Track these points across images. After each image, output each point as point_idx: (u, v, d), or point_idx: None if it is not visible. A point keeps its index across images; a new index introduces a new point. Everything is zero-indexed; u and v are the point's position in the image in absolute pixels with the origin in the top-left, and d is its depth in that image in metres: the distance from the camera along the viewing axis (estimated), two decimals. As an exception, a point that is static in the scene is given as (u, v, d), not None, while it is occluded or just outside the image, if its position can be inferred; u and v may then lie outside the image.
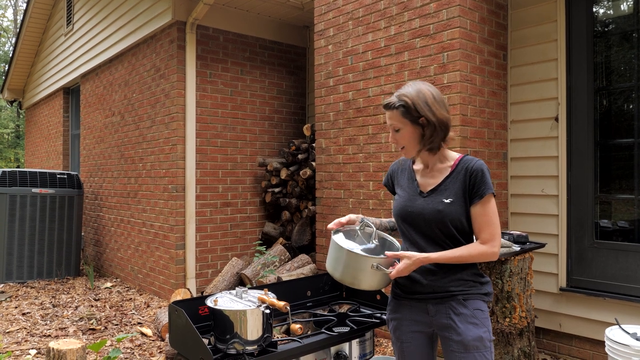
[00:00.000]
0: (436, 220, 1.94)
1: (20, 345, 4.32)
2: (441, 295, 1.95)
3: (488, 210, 1.91)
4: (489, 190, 1.91)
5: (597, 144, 3.74)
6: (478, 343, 1.90)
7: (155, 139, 6.02)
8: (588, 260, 3.73)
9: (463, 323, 1.91)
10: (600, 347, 3.63)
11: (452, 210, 1.92)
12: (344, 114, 4.72)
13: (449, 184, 1.96)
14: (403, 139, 1.97)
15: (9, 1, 28.40)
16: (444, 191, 1.96)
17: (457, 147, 3.76)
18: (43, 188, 6.88)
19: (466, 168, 1.94)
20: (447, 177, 1.98)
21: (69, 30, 8.69)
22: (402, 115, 1.94)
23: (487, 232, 1.91)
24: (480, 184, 1.91)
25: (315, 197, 5.15)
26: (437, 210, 1.93)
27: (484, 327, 1.93)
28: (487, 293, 1.99)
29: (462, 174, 1.95)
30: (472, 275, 1.97)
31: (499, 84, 4.10)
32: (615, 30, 3.73)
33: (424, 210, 1.96)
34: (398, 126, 1.96)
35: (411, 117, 1.93)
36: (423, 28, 4.01)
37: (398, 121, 1.95)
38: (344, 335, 2.18)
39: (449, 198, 1.94)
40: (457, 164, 1.98)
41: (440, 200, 1.94)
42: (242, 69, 6.06)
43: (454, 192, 1.94)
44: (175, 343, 2.06)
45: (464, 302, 1.93)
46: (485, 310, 1.97)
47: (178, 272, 5.59)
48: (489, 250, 1.90)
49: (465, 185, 1.93)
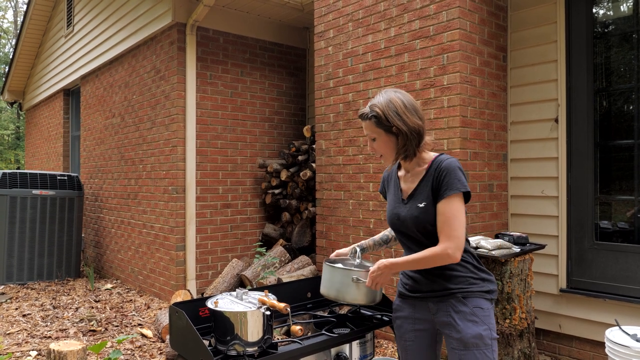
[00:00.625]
0: (417, 226, 1.96)
1: (21, 346, 4.32)
2: (441, 293, 1.97)
3: (447, 210, 1.88)
4: (451, 192, 1.87)
5: (597, 145, 3.75)
6: (477, 341, 1.90)
7: (155, 140, 6.03)
8: (588, 262, 3.74)
9: (462, 321, 1.92)
10: (600, 348, 3.63)
11: (426, 215, 1.93)
12: (344, 115, 4.73)
13: (423, 188, 1.97)
14: (380, 147, 2.00)
15: (9, 3, 28.42)
16: (418, 196, 1.98)
17: (457, 149, 3.77)
18: (43, 189, 6.88)
19: (435, 169, 1.94)
20: (421, 180, 1.99)
21: (69, 32, 8.70)
22: (375, 125, 1.96)
23: (444, 233, 1.88)
24: (444, 183, 1.90)
25: (315, 198, 5.15)
26: (414, 217, 1.96)
27: (485, 325, 1.92)
28: (489, 290, 1.98)
29: (432, 176, 1.95)
30: (472, 272, 1.97)
31: (499, 85, 4.10)
32: (615, 31, 3.73)
33: (406, 217, 2.00)
34: (373, 135, 1.99)
35: (384, 126, 1.95)
36: (423, 29, 4.02)
37: (372, 131, 1.98)
38: (344, 336, 2.18)
39: (422, 202, 1.95)
40: (430, 165, 1.98)
41: (416, 206, 1.97)
42: (242, 71, 6.06)
43: (425, 195, 1.95)
44: (175, 344, 2.06)
45: (463, 300, 1.94)
46: (487, 308, 1.95)
47: (178, 273, 5.59)
48: (442, 252, 1.86)
49: (434, 186, 1.93)
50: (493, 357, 1.93)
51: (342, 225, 4.70)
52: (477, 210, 3.91)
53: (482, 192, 3.96)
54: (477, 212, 3.90)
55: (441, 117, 3.88)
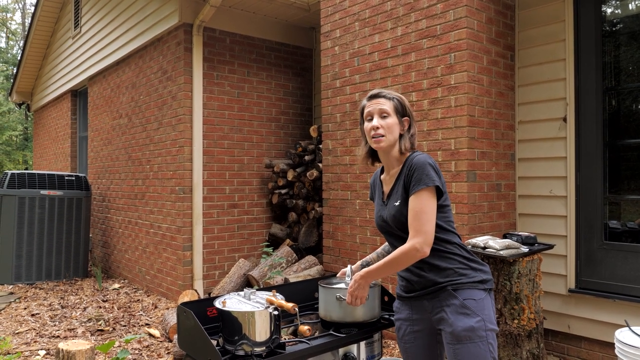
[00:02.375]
0: (396, 225, 1.98)
1: (30, 345, 4.35)
2: (432, 289, 1.96)
3: (415, 205, 1.88)
4: (419, 187, 1.88)
5: (606, 144, 3.72)
6: (470, 333, 1.85)
7: (162, 140, 6.05)
8: (597, 262, 3.71)
9: (453, 314, 1.89)
10: (609, 349, 3.61)
11: (402, 213, 1.94)
12: (350, 115, 4.72)
13: (398, 187, 2.00)
14: (389, 126, 2.01)
15: (17, 4, 28.63)
16: (394, 195, 2.01)
17: (464, 148, 3.75)
18: (51, 190, 6.92)
19: (407, 167, 1.97)
20: (396, 179, 2.02)
21: (77, 33, 8.75)
22: (394, 107, 2.03)
23: (412, 228, 1.87)
24: (413, 180, 1.91)
25: (322, 198, 5.15)
26: (392, 216, 1.99)
27: (477, 317, 1.87)
28: (482, 280, 1.94)
29: (404, 174, 1.97)
30: (461, 263, 1.95)
31: (507, 85, 4.08)
32: (623, 29, 3.70)
33: (387, 218, 2.02)
34: (388, 112, 2.02)
35: (399, 113, 2.03)
36: (430, 29, 4.00)
37: (390, 108, 2.02)
38: (352, 336, 2.18)
39: (397, 201, 1.97)
40: (404, 164, 2.01)
41: (392, 205, 1.99)
42: (249, 71, 6.07)
43: (399, 193, 1.97)
44: (183, 344, 2.07)
45: (454, 293, 1.91)
46: (481, 299, 1.90)
47: (185, 273, 5.61)
48: (410, 249, 1.85)
49: (405, 184, 1.95)
50: (488, 349, 1.86)
51: (349, 225, 4.70)
52: (484, 210, 3.89)
53: (490, 191, 3.94)
54: (484, 212, 3.89)
55: (448, 117, 3.86)
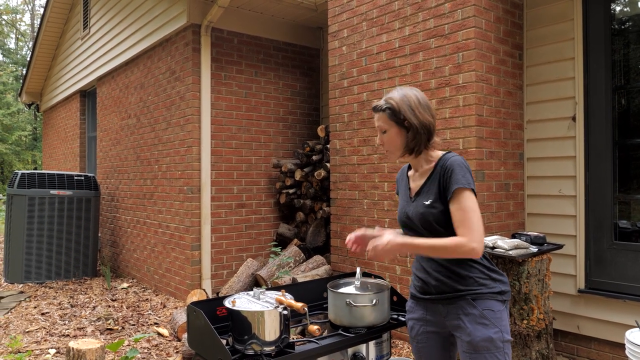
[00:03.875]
0: (422, 223, 1.97)
1: (40, 344, 4.38)
2: (450, 295, 1.95)
3: (462, 205, 1.87)
4: (457, 185, 1.87)
5: (615, 143, 3.69)
6: (488, 344, 1.87)
7: (170, 140, 6.07)
8: (607, 262, 3.69)
9: (472, 323, 1.90)
10: (620, 349, 3.58)
11: (432, 212, 1.93)
12: (358, 115, 4.72)
13: (430, 185, 1.98)
14: (388, 141, 2.01)
15: (26, 6, 28.85)
16: (425, 193, 1.99)
17: (472, 148, 3.74)
18: (61, 190, 6.97)
19: (441, 166, 1.96)
20: (428, 178, 2.01)
21: (86, 34, 8.80)
22: (388, 117, 1.99)
23: (465, 227, 1.86)
24: (450, 180, 1.90)
25: (329, 198, 5.15)
26: (420, 214, 1.97)
27: (495, 328, 1.89)
28: (500, 292, 1.94)
29: (438, 173, 1.96)
30: (481, 273, 1.94)
31: (515, 84, 4.07)
32: (633, 27, 3.68)
33: (413, 215, 2.00)
34: (385, 128, 2.01)
35: (396, 119, 1.98)
36: (438, 28, 4.00)
37: (384, 122, 2.00)
38: (361, 336, 2.18)
39: (428, 200, 1.96)
40: (437, 163, 2.00)
41: (422, 203, 1.98)
42: (257, 71, 6.08)
43: (432, 192, 1.96)
44: (193, 343, 2.08)
45: (473, 302, 1.91)
46: (499, 310, 1.92)
47: (194, 272, 5.63)
48: (466, 244, 1.83)
49: (440, 184, 1.94)
50: (505, 359, 1.89)
51: (357, 225, 4.70)
52: (493, 210, 3.87)
53: (499, 191, 3.93)
54: (493, 211, 3.87)
55: (457, 116, 3.85)
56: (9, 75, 24.47)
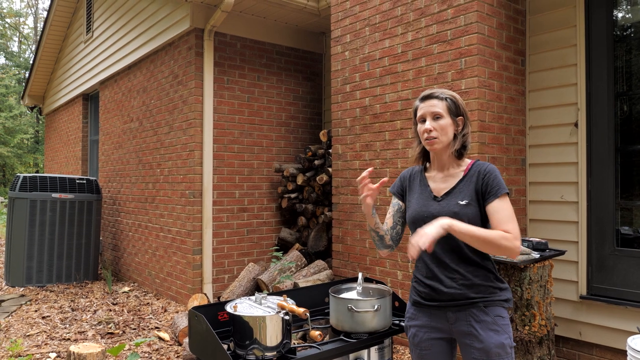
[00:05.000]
0: None
1: (40, 348, 4.38)
2: (462, 302, 1.96)
3: (505, 207, 1.92)
4: (504, 190, 1.93)
5: (617, 149, 3.69)
6: (500, 350, 1.90)
7: (172, 144, 6.08)
8: (609, 268, 3.68)
9: (485, 330, 1.91)
10: (621, 356, 3.57)
11: (467, 212, 1.95)
12: (360, 120, 4.73)
13: (463, 187, 2.00)
14: (442, 127, 2.00)
15: (29, 9, 28.97)
16: (458, 194, 1.99)
17: (474, 153, 3.74)
18: (62, 193, 6.98)
19: (479, 171, 1.99)
20: (461, 180, 2.02)
21: (89, 38, 8.83)
22: (447, 107, 2.01)
23: (509, 226, 1.88)
24: (494, 184, 1.94)
25: (331, 202, 5.15)
26: (453, 212, 1.96)
27: (505, 334, 1.93)
28: (507, 299, 1.99)
29: (475, 177, 1.99)
30: (491, 281, 1.98)
31: (518, 90, 4.07)
32: (635, 34, 3.68)
33: (440, 214, 1.98)
34: (442, 114, 2.00)
35: (453, 112, 2.01)
36: (440, 34, 4.00)
37: (442, 109, 2.00)
38: (362, 342, 2.18)
39: (464, 200, 1.97)
40: (470, 168, 2.04)
41: (455, 203, 1.98)
42: (259, 75, 6.10)
43: (468, 194, 1.97)
44: (194, 348, 2.08)
45: (484, 309, 1.94)
46: (506, 317, 1.97)
47: (195, 277, 5.63)
48: (512, 241, 1.84)
49: (478, 187, 1.97)
50: None
51: (359, 229, 4.70)
52: (495, 216, 3.87)
53: (500, 197, 3.92)
54: (495, 217, 3.87)
55: (459, 122, 3.85)
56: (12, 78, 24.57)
